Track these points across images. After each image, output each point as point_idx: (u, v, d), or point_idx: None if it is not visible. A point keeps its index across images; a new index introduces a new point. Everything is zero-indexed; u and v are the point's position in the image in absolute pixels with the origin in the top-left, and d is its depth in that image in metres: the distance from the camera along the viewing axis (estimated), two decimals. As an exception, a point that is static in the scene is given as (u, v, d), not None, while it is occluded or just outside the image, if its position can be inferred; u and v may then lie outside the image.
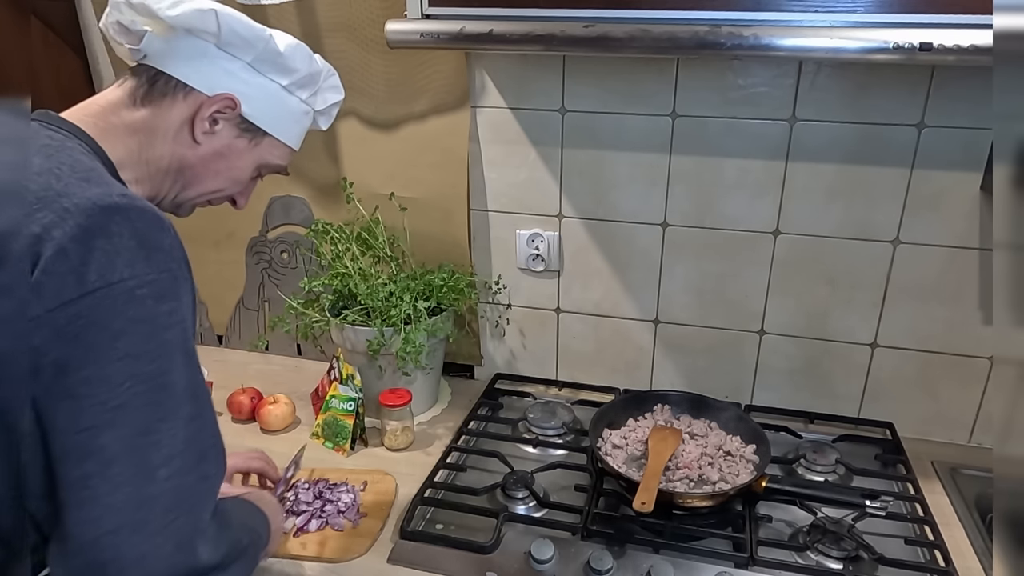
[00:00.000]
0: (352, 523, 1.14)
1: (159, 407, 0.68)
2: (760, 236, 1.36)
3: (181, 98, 0.86)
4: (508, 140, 1.42)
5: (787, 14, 0.99)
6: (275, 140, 0.94)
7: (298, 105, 0.96)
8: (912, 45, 0.94)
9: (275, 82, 0.92)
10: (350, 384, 1.36)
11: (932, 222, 1.27)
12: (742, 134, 1.30)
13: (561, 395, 1.54)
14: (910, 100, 1.21)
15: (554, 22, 1.07)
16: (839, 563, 1.06)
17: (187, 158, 0.88)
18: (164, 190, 0.89)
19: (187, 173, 0.89)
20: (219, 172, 0.91)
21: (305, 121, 0.99)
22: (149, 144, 0.85)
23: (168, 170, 0.87)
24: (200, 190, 0.92)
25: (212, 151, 0.89)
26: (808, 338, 1.40)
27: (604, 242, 1.44)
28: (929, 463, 1.32)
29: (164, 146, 0.86)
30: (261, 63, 0.90)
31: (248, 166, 0.94)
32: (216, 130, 0.88)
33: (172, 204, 0.92)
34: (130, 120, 0.84)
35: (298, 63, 0.93)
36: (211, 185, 0.92)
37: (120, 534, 0.66)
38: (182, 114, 0.86)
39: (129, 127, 0.84)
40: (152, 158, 0.86)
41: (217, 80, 0.87)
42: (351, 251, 1.43)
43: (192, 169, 0.89)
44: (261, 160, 0.95)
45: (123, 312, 0.66)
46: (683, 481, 1.19)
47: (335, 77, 1.02)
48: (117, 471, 0.66)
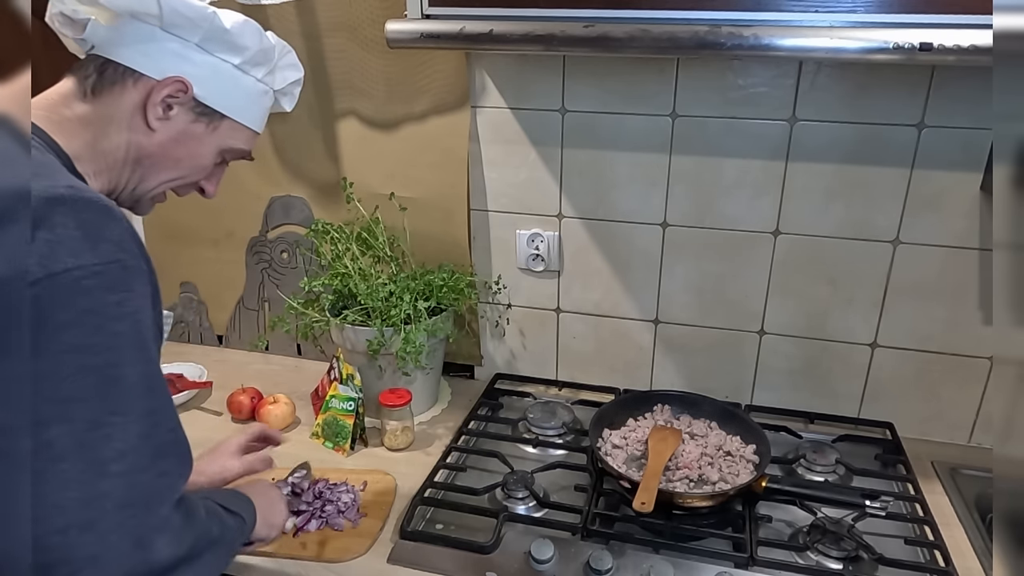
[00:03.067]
0: (352, 523, 1.14)
1: (109, 400, 0.67)
2: (760, 236, 1.36)
3: (131, 85, 0.84)
4: (508, 140, 1.42)
5: (787, 14, 0.99)
6: (234, 123, 0.92)
7: (254, 85, 0.94)
8: (912, 45, 0.94)
9: (227, 62, 0.89)
10: (350, 384, 1.36)
11: (932, 222, 1.27)
12: (742, 134, 1.30)
13: (561, 395, 1.54)
14: (910, 100, 1.21)
15: (554, 22, 1.07)
16: (839, 563, 1.06)
17: (144, 146, 0.86)
18: (123, 181, 0.87)
19: (145, 162, 0.87)
20: (179, 159, 0.89)
21: (265, 102, 0.97)
22: (104, 135, 0.83)
23: (126, 160, 0.86)
24: (160, 179, 0.90)
25: (169, 138, 0.87)
26: (808, 338, 1.40)
27: (604, 242, 1.44)
28: (929, 463, 1.32)
29: (119, 135, 0.84)
30: (209, 42, 0.87)
31: (209, 152, 0.92)
32: (171, 115, 0.86)
33: (131, 197, 0.90)
34: (82, 112, 0.83)
35: (247, 40, 0.90)
36: (171, 173, 0.90)
37: (69, 534, 0.65)
38: (133, 101, 0.84)
39: (82, 119, 0.83)
40: (108, 149, 0.84)
41: (166, 63, 0.85)
42: (351, 251, 1.43)
43: (150, 158, 0.87)
44: (222, 145, 0.92)
45: (69, 303, 0.65)
46: (683, 481, 1.19)
47: (292, 54, 1.00)
48: (65, 467, 0.65)
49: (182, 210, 1.65)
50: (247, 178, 1.58)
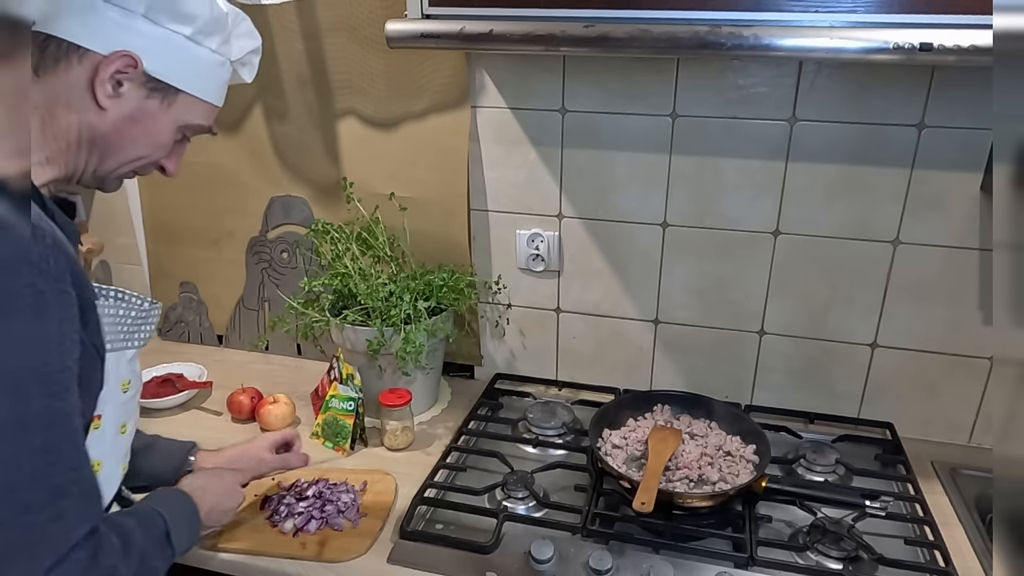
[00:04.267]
0: (352, 523, 1.14)
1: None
2: (760, 236, 1.36)
3: (76, 61, 0.78)
4: (508, 140, 1.42)
5: (787, 14, 0.99)
6: (191, 97, 0.86)
7: (209, 56, 0.87)
8: (912, 45, 0.94)
9: (177, 33, 0.83)
10: (350, 384, 1.36)
11: (932, 222, 1.27)
12: (742, 134, 1.30)
13: (561, 395, 1.54)
14: (910, 100, 1.21)
15: (554, 22, 1.07)
16: (839, 563, 1.06)
17: (97, 126, 0.80)
18: (80, 165, 0.83)
19: (100, 143, 0.82)
20: (135, 138, 0.83)
21: (222, 73, 0.91)
22: (52, 117, 0.78)
23: (80, 142, 0.81)
24: (120, 159, 0.85)
25: (122, 116, 0.81)
26: (808, 338, 1.40)
27: (604, 242, 1.44)
28: (929, 463, 1.32)
29: (68, 116, 0.79)
30: (156, 13, 0.81)
31: (166, 129, 0.86)
32: (121, 92, 0.80)
33: (94, 179, 0.86)
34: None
35: (196, 7, 0.84)
36: (130, 153, 0.85)
37: None
38: (80, 79, 0.78)
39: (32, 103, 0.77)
40: (58, 132, 0.79)
41: (112, 37, 0.78)
42: (351, 251, 1.43)
43: (105, 138, 0.82)
44: (180, 120, 0.87)
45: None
46: (683, 481, 1.19)
47: (247, 22, 0.94)
48: None
49: (182, 210, 1.65)
50: (247, 178, 1.58)
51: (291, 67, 1.47)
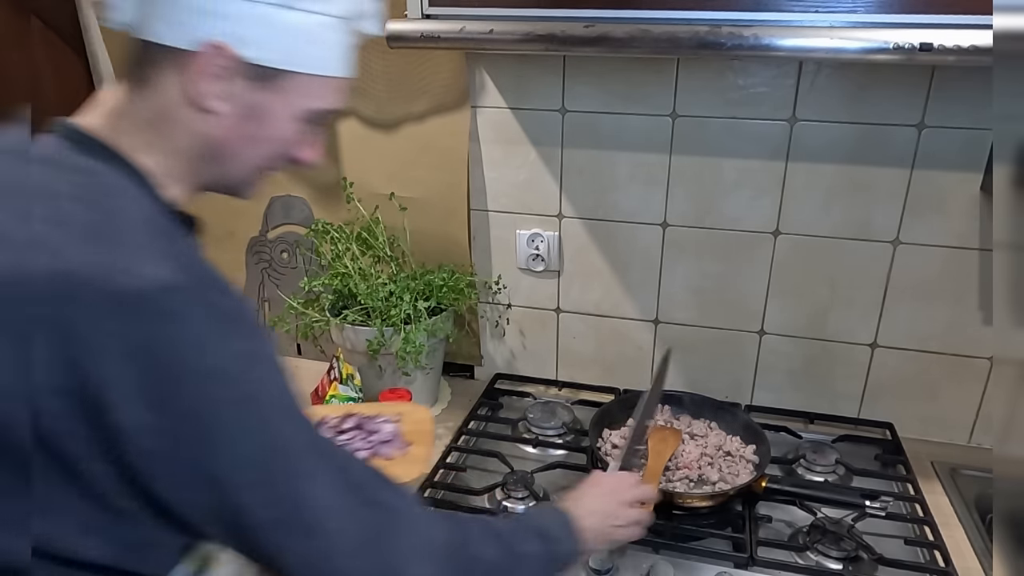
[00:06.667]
0: (400, 451, 1.12)
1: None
2: (760, 236, 1.36)
3: (167, 65, 0.68)
4: (508, 140, 1.42)
5: (787, 14, 0.99)
6: (302, 76, 0.71)
7: (308, 20, 0.70)
8: (912, 45, 0.94)
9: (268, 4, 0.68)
10: (350, 384, 1.36)
11: (932, 222, 1.27)
12: (742, 134, 1.30)
13: (561, 395, 1.54)
14: (910, 100, 1.21)
15: (554, 22, 1.07)
16: (839, 563, 1.06)
17: (212, 134, 0.70)
18: (204, 178, 0.74)
19: (220, 151, 0.72)
20: (256, 137, 0.72)
21: (332, 36, 0.72)
22: (165, 133, 0.70)
23: (201, 155, 0.72)
24: (244, 163, 0.74)
25: (237, 116, 0.70)
26: (808, 338, 1.40)
27: (604, 242, 1.44)
28: (929, 463, 1.32)
29: (179, 129, 0.70)
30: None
31: (285, 118, 0.73)
32: (223, 89, 0.68)
33: (224, 189, 0.77)
34: (138, 113, 0.70)
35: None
36: (253, 154, 0.74)
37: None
38: (176, 84, 0.68)
39: (144, 121, 0.70)
40: (174, 148, 0.70)
41: (195, 26, 0.66)
42: (351, 251, 1.43)
43: (224, 145, 0.72)
44: (300, 107, 0.73)
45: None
46: (683, 481, 1.19)
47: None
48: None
49: (182, 210, 1.65)
50: (247, 178, 1.58)
51: (291, 67, 1.47)
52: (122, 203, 0.65)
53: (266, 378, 0.66)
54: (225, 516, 0.64)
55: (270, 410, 0.65)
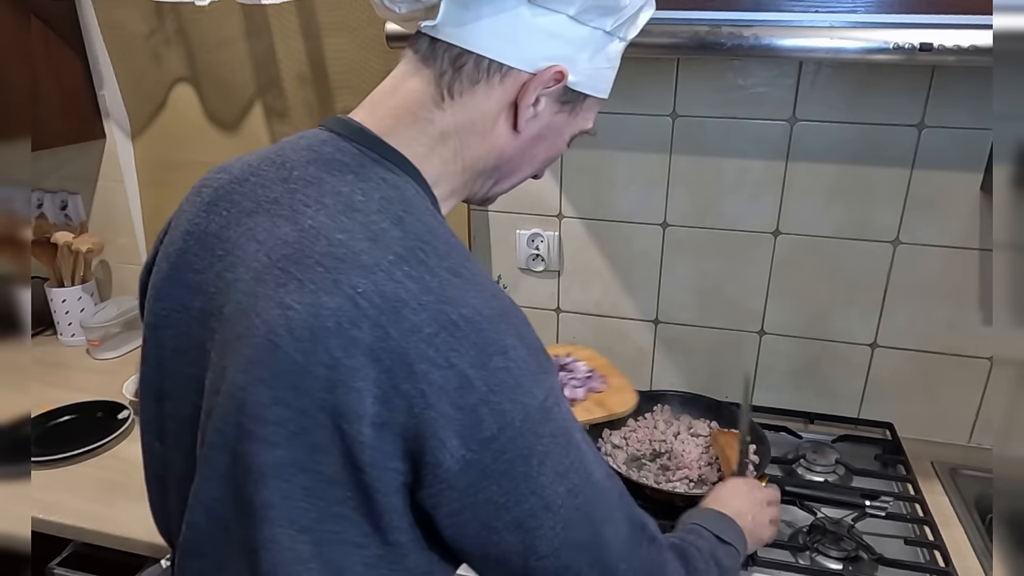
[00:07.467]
0: (604, 384, 1.15)
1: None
2: (760, 236, 1.36)
3: (497, 82, 0.65)
4: (508, 140, 1.41)
5: (787, 14, 0.99)
6: (594, 100, 0.72)
7: (616, 48, 0.71)
8: (912, 45, 0.94)
9: (599, 29, 0.67)
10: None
11: (932, 222, 1.27)
12: (742, 134, 1.30)
13: (561, 395, 1.53)
14: (910, 100, 1.21)
15: (554, 22, 1.07)
16: (839, 563, 1.06)
17: (505, 151, 0.69)
18: (475, 191, 0.73)
19: (504, 167, 0.71)
20: (535, 156, 0.72)
21: (617, 61, 0.73)
22: (466, 147, 0.67)
23: (483, 170, 0.70)
24: (516, 179, 0.74)
25: (532, 136, 0.69)
26: (808, 338, 1.40)
27: (604, 242, 1.44)
28: (929, 463, 1.32)
29: (482, 145, 0.68)
30: (588, 11, 0.65)
31: (565, 140, 0.74)
32: (538, 111, 0.68)
33: (481, 201, 0.76)
34: (443, 123, 0.66)
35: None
36: (527, 171, 0.74)
37: None
38: (501, 102, 0.66)
39: (443, 133, 0.66)
40: (469, 163, 0.68)
41: (536, 48, 0.64)
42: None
43: (510, 162, 0.70)
44: (577, 128, 0.74)
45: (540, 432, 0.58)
46: (683, 481, 1.19)
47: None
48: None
49: (182, 210, 1.65)
50: (247, 178, 1.58)
51: (291, 67, 1.46)
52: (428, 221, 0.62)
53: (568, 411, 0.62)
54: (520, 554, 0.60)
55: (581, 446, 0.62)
